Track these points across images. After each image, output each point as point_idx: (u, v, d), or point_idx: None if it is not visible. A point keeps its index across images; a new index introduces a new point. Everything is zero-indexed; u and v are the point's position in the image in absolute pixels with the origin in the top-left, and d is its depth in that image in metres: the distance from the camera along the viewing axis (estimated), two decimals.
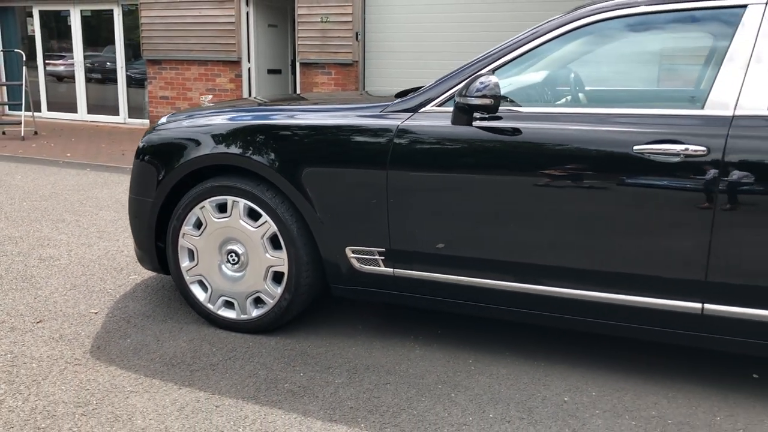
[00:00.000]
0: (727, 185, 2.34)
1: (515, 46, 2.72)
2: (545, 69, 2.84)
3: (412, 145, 2.75)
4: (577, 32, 2.69)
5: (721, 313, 2.47)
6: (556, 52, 2.77)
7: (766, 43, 2.41)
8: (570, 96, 2.78)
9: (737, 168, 2.34)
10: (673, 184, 2.41)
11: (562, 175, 2.53)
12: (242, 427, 2.42)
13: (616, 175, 2.48)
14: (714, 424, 2.49)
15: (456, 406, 2.59)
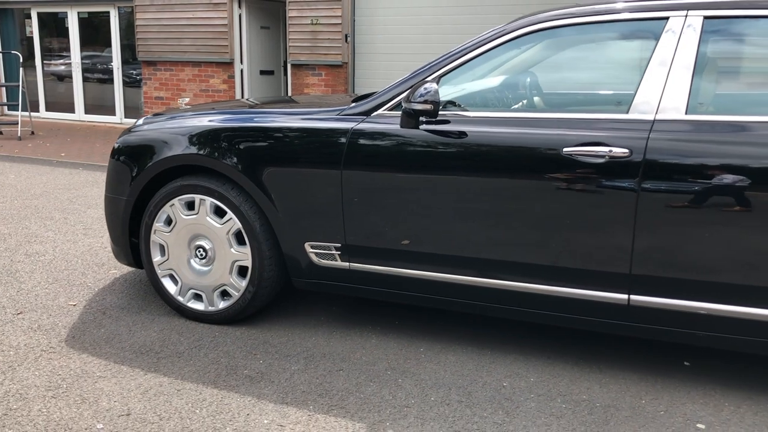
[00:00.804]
0: (647, 184, 2.52)
1: (461, 54, 2.91)
2: (491, 75, 3.03)
3: (364, 146, 2.94)
4: (519, 41, 2.87)
5: (646, 303, 2.66)
6: (500, 60, 2.96)
7: (684, 52, 2.59)
8: (513, 101, 2.96)
9: (657, 168, 2.52)
10: (600, 184, 2.60)
11: (502, 175, 2.72)
12: (199, 408, 2.61)
13: (549, 175, 2.66)
14: (638, 406, 2.67)
15: (401, 390, 2.78)
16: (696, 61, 2.58)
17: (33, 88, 13.10)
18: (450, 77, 2.96)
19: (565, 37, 2.85)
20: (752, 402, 2.70)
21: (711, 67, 2.63)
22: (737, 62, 2.65)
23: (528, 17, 2.88)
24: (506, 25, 2.89)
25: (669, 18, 2.66)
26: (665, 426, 2.53)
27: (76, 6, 12.40)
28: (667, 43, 2.63)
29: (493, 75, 3.00)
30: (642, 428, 2.52)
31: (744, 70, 2.66)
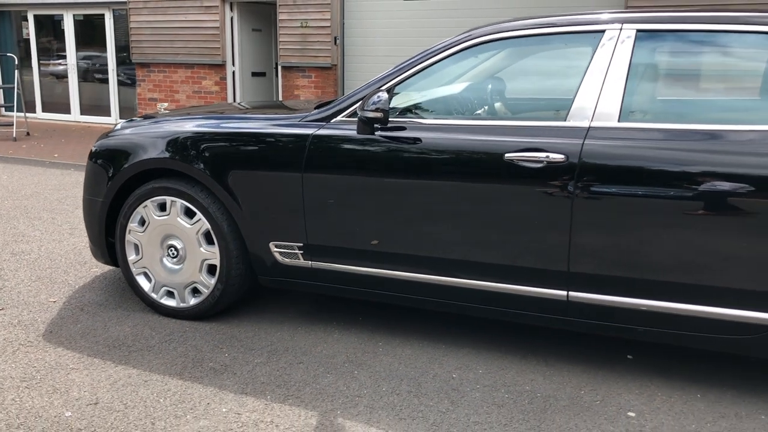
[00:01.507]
0: (582, 188, 2.69)
1: (412, 65, 3.08)
2: (443, 84, 3.19)
3: (323, 151, 3.11)
4: (467, 52, 3.05)
5: (585, 299, 2.83)
6: (450, 70, 3.13)
7: (618, 64, 2.76)
8: (463, 108, 3.13)
9: (590, 172, 2.69)
10: (539, 187, 2.77)
11: (451, 179, 2.89)
12: (164, 398, 2.79)
13: (493, 180, 2.83)
14: (576, 396, 2.84)
15: (355, 381, 2.95)
16: (629, 72, 2.75)
17: (29, 89, 13.29)
18: (405, 86, 3.13)
19: (511, 49, 3.02)
20: (683, 392, 2.87)
21: (642, 77, 2.79)
22: (667, 73, 2.82)
23: (476, 29, 3.05)
24: (455, 37, 3.06)
25: (605, 31, 2.83)
26: (598, 414, 2.70)
27: (72, 8, 12.58)
28: (603, 55, 2.79)
29: (445, 84, 3.17)
30: (576, 416, 2.68)
31: (673, 80, 2.82)
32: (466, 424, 2.63)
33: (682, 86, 2.82)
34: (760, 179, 2.47)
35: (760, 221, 2.49)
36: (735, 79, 2.77)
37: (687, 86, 2.81)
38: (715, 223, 2.55)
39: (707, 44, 2.77)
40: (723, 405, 2.78)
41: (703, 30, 2.73)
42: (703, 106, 2.74)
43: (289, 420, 2.64)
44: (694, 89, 2.79)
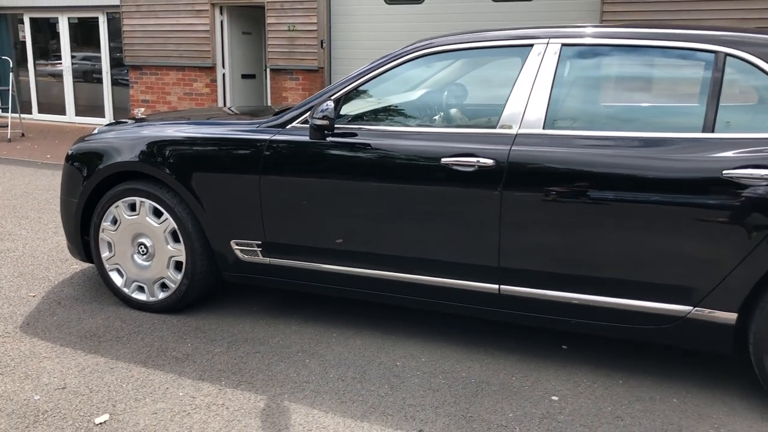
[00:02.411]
0: (509, 190, 2.93)
1: (360, 76, 3.32)
2: (391, 93, 3.43)
3: (278, 155, 3.36)
4: (411, 63, 3.28)
5: (514, 293, 3.06)
6: (397, 80, 3.36)
7: (544, 75, 3.00)
8: (407, 116, 3.36)
9: (516, 176, 2.93)
10: (471, 189, 3.00)
11: (395, 181, 3.12)
12: (126, 383, 3.03)
13: (432, 182, 3.07)
14: (508, 382, 3.08)
15: (306, 368, 3.20)
16: (553, 83, 2.99)
17: (26, 91, 13.54)
18: (355, 94, 3.37)
19: (452, 61, 3.26)
20: (607, 379, 3.11)
21: (566, 88, 3.03)
22: (588, 84, 3.06)
23: (419, 42, 3.29)
24: (401, 50, 3.30)
25: (533, 45, 3.06)
26: (524, 398, 2.94)
27: (67, 12, 12.83)
28: (531, 67, 3.03)
29: (392, 93, 3.41)
30: (504, 400, 2.93)
31: (593, 90, 3.06)
32: (401, 406, 2.87)
33: (602, 96, 3.05)
34: (670, 182, 2.70)
35: (670, 221, 2.72)
36: (651, 89, 3.01)
37: (606, 96, 3.04)
38: (631, 223, 2.78)
39: (626, 57, 3.00)
40: (641, 390, 3.02)
41: (622, 45, 2.96)
42: (620, 115, 2.98)
43: (239, 403, 2.88)
44: (613, 99, 3.03)
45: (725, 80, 2.77)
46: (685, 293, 2.79)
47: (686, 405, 2.89)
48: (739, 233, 2.65)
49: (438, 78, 3.39)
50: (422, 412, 2.82)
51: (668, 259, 2.77)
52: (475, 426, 2.72)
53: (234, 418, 2.77)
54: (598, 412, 2.84)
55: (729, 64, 2.77)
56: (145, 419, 2.74)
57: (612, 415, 2.81)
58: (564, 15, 8.90)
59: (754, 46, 2.76)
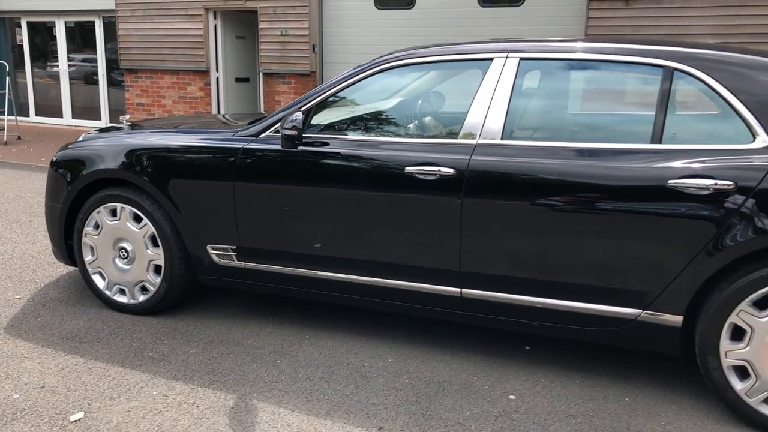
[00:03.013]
0: (469, 197, 3.06)
1: (328, 88, 3.45)
2: (361, 104, 3.56)
3: (251, 163, 3.49)
4: (381, 75, 3.42)
5: (476, 296, 3.19)
6: (366, 90, 3.49)
7: (502, 88, 3.13)
8: (376, 126, 3.49)
9: (475, 184, 3.06)
10: (434, 197, 3.13)
11: (363, 189, 3.25)
12: (103, 382, 3.17)
13: (397, 190, 3.20)
14: (469, 382, 3.21)
15: (276, 368, 3.33)
16: (511, 95, 3.12)
17: (23, 94, 13.68)
18: (326, 105, 3.50)
19: (418, 73, 3.39)
20: (565, 378, 3.24)
21: (523, 100, 3.16)
22: (545, 96, 3.19)
23: (386, 55, 3.42)
24: (369, 62, 3.43)
25: (493, 59, 3.20)
26: (483, 397, 3.07)
27: (63, 16, 12.97)
28: (490, 81, 3.16)
29: (363, 103, 3.54)
30: (463, 399, 3.05)
31: (549, 102, 3.19)
32: (364, 405, 3.00)
33: (557, 108, 3.18)
34: (620, 191, 2.83)
35: (621, 228, 2.85)
36: (604, 102, 3.14)
37: (561, 108, 3.17)
38: (584, 229, 2.91)
39: (581, 71, 3.14)
40: (596, 389, 3.15)
41: (577, 59, 3.09)
42: (574, 126, 3.11)
43: (209, 401, 3.01)
44: (568, 111, 3.15)
45: (673, 93, 2.90)
46: (636, 297, 2.91)
47: (637, 404, 3.02)
48: (684, 240, 2.77)
49: (404, 89, 3.52)
50: (384, 410, 2.95)
51: (619, 265, 2.90)
52: (433, 424, 2.85)
53: (203, 416, 2.90)
54: (552, 410, 2.96)
55: (677, 78, 2.90)
56: (118, 417, 2.88)
57: (565, 414, 2.94)
58: (551, 20, 9.03)
59: (700, 60, 2.89)
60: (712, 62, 2.87)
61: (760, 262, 2.71)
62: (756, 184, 2.66)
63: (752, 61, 2.85)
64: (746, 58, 2.86)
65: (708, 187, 2.71)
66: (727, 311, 2.75)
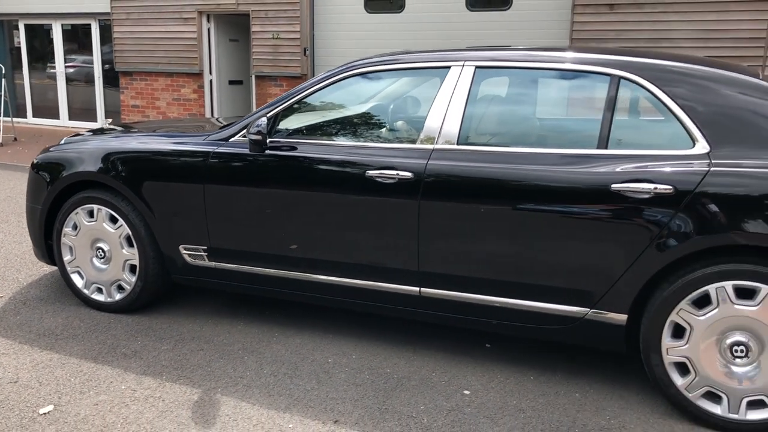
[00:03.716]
0: (426, 200, 3.18)
1: (294, 94, 3.58)
2: (327, 110, 3.69)
3: (221, 166, 3.62)
4: (345, 82, 3.54)
5: (434, 294, 3.32)
6: (330, 97, 3.62)
7: (458, 95, 3.26)
8: (340, 131, 3.61)
9: (432, 188, 3.18)
10: (393, 199, 3.26)
11: (326, 191, 3.37)
12: (75, 377, 3.29)
13: (359, 192, 3.33)
14: (427, 378, 3.33)
15: (243, 365, 3.45)
16: (467, 102, 3.24)
17: (21, 95, 13.83)
18: (294, 110, 3.63)
19: (379, 81, 3.52)
20: (520, 375, 3.36)
21: (478, 106, 3.28)
22: (499, 103, 3.31)
23: (350, 63, 3.55)
24: (335, 69, 3.56)
25: (451, 67, 3.32)
26: (438, 392, 3.19)
27: (60, 18, 13.12)
28: (447, 88, 3.29)
29: (328, 109, 3.66)
30: (420, 394, 3.18)
31: (503, 109, 3.31)
32: (324, 399, 3.12)
33: (511, 114, 3.30)
34: (568, 194, 2.95)
35: (568, 229, 2.97)
36: (555, 108, 3.26)
37: (515, 114, 3.29)
38: (534, 231, 3.03)
39: (534, 79, 3.26)
40: (548, 385, 3.27)
41: (531, 67, 3.22)
42: (526, 132, 3.23)
43: (175, 395, 3.14)
44: (521, 117, 3.28)
45: (618, 101, 3.02)
46: (583, 296, 3.04)
47: (586, 399, 3.14)
48: (626, 242, 2.90)
49: (368, 96, 3.64)
50: (342, 404, 3.08)
51: (567, 265, 3.02)
52: (387, 417, 2.98)
53: (168, 409, 3.03)
54: (503, 405, 3.09)
55: (623, 86, 3.02)
56: (86, 410, 3.00)
57: (515, 408, 3.06)
58: (537, 24, 9.15)
59: (645, 70, 3.01)
60: (656, 71, 2.99)
61: (699, 263, 2.82)
62: (694, 188, 2.78)
63: (694, 70, 2.97)
64: (688, 67, 2.98)
65: (649, 191, 2.83)
66: (668, 310, 2.87)
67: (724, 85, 2.90)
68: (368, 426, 2.90)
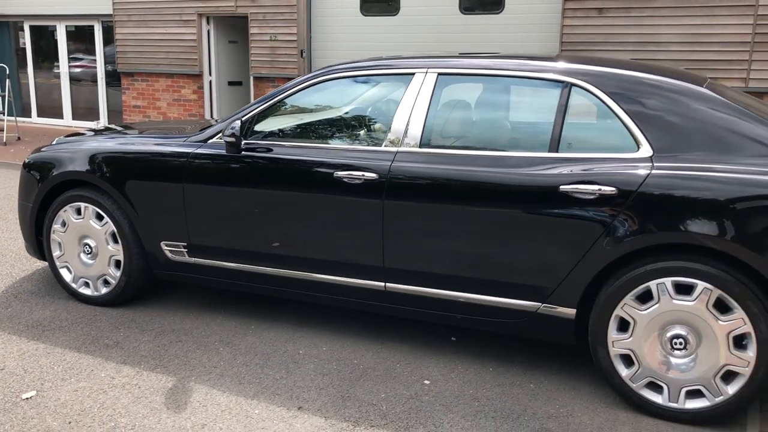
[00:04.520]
0: (390, 199, 3.36)
1: (269, 99, 3.76)
2: (301, 113, 3.87)
3: (199, 166, 3.80)
4: (318, 86, 3.72)
5: (398, 289, 3.49)
6: (302, 101, 3.80)
7: (421, 101, 3.43)
8: (313, 133, 3.79)
9: (395, 187, 3.36)
10: (359, 199, 3.44)
11: (298, 191, 3.55)
12: (58, 365, 3.49)
13: (327, 192, 3.51)
14: (391, 368, 3.51)
15: (218, 355, 3.64)
16: (429, 108, 3.42)
17: (26, 95, 14.09)
18: (269, 114, 3.81)
19: (348, 86, 3.70)
20: (480, 366, 3.53)
21: (440, 111, 3.46)
22: (459, 108, 3.48)
23: (321, 69, 3.73)
24: (308, 75, 3.74)
25: (415, 74, 3.50)
26: (400, 382, 3.37)
27: (64, 20, 13.37)
28: (411, 93, 3.47)
29: (301, 113, 3.85)
30: (382, 383, 3.35)
31: (462, 114, 3.49)
32: (291, 388, 3.30)
33: (469, 119, 3.48)
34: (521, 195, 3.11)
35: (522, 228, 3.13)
36: (511, 113, 3.43)
37: (473, 119, 3.47)
38: (490, 230, 3.20)
39: (492, 85, 3.43)
40: (506, 376, 3.44)
41: (489, 74, 3.39)
42: (483, 135, 3.40)
43: (151, 383, 3.33)
44: (479, 122, 3.45)
45: (569, 107, 3.19)
46: (536, 291, 3.21)
47: (540, 389, 3.31)
48: (574, 240, 3.07)
49: (339, 100, 3.82)
50: (307, 392, 3.26)
51: (521, 262, 3.19)
52: (348, 404, 3.16)
53: (143, 395, 3.21)
54: (460, 394, 3.26)
55: (573, 92, 3.19)
56: (66, 395, 3.20)
57: (471, 397, 3.23)
58: (529, 27, 9.31)
59: (594, 76, 3.18)
60: (605, 79, 3.16)
61: (641, 260, 2.99)
62: (635, 189, 2.94)
63: (640, 78, 3.14)
64: (635, 75, 3.15)
65: (594, 192, 3.00)
66: (613, 305, 3.03)
67: (668, 93, 3.07)
68: (329, 412, 3.08)
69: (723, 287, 2.84)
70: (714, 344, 2.90)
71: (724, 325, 2.87)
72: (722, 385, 2.92)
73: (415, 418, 3.05)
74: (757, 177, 2.80)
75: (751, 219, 2.77)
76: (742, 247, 2.78)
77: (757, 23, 7.96)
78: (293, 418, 3.03)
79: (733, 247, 2.80)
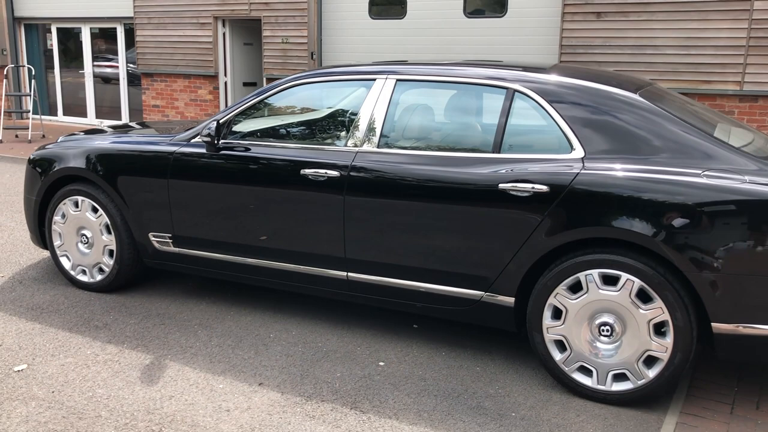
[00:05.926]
0: (350, 195, 3.66)
1: (245, 102, 4.08)
2: (276, 115, 4.18)
3: (182, 164, 4.14)
4: (287, 92, 4.04)
5: (360, 279, 3.79)
6: (277, 104, 4.12)
7: (381, 104, 3.72)
8: (285, 134, 4.10)
9: (355, 184, 3.65)
10: (323, 195, 3.74)
11: (270, 186, 3.86)
12: (49, 343, 3.85)
13: (295, 188, 3.82)
14: (352, 351, 3.81)
15: (195, 337, 3.97)
16: (387, 110, 3.71)
17: (53, 94, 14.66)
18: (246, 116, 4.13)
19: (317, 90, 4.00)
20: (434, 351, 3.81)
21: (397, 114, 3.74)
22: (414, 111, 3.77)
23: (293, 75, 4.04)
24: (282, 80, 4.05)
25: (376, 79, 3.79)
26: (357, 363, 3.66)
27: (89, 22, 13.89)
28: (372, 97, 3.76)
29: (277, 114, 4.16)
30: (340, 364, 3.65)
31: (417, 117, 3.77)
32: (256, 366, 3.62)
33: (423, 122, 3.76)
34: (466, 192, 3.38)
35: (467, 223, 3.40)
36: (461, 117, 3.70)
37: (426, 122, 3.75)
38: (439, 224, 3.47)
39: (444, 91, 3.71)
40: (456, 360, 3.71)
41: (441, 81, 3.67)
42: (434, 137, 3.68)
43: (130, 360, 3.67)
44: (431, 124, 3.73)
45: (512, 111, 3.45)
46: (480, 281, 3.48)
47: (485, 372, 3.58)
48: (511, 234, 3.33)
49: (308, 103, 4.13)
50: (270, 371, 3.57)
51: (466, 253, 3.47)
52: (306, 382, 3.46)
53: (122, 370, 3.56)
54: (410, 375, 3.55)
55: (516, 98, 3.46)
56: (53, 369, 3.55)
57: (419, 378, 3.52)
58: (531, 30, 9.53)
59: (536, 83, 3.44)
60: (544, 85, 3.42)
61: (572, 252, 3.25)
62: (566, 187, 3.20)
63: (577, 85, 3.39)
64: (573, 82, 3.41)
65: (528, 190, 3.26)
66: (547, 294, 3.30)
67: (600, 99, 3.32)
68: (287, 388, 3.39)
69: (644, 278, 3.09)
70: (637, 331, 3.15)
71: (645, 314, 3.12)
72: (644, 368, 3.16)
73: (364, 394, 3.34)
74: (673, 177, 3.04)
75: (666, 215, 3.02)
76: (659, 242, 3.03)
77: (751, 27, 8.09)
78: (253, 393, 3.34)
79: (651, 241, 3.05)
